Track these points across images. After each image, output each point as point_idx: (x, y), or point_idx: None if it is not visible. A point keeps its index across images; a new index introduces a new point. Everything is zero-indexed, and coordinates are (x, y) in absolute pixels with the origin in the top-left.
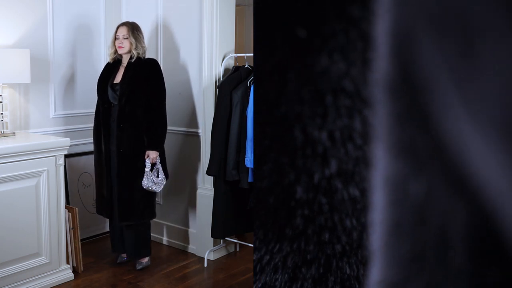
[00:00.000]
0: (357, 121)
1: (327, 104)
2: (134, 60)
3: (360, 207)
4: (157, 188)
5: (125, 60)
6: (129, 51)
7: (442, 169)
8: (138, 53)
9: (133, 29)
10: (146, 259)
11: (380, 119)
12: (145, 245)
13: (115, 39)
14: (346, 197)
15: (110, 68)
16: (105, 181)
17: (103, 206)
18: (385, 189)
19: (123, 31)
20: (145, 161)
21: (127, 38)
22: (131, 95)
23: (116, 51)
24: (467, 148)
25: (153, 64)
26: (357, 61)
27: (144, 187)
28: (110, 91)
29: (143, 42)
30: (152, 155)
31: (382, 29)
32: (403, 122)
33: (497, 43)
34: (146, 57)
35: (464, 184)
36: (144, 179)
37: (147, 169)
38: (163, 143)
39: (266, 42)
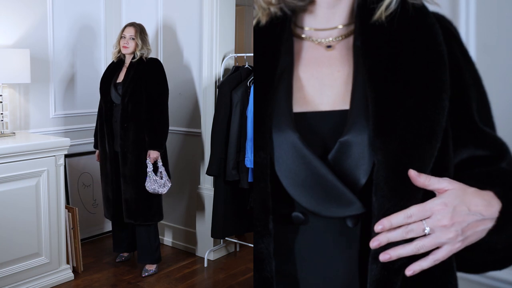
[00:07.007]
0: None
1: None
2: (137, 60)
3: None
4: (162, 190)
5: (127, 60)
6: (133, 52)
7: None
8: (142, 54)
9: (141, 30)
10: (153, 267)
11: None
12: (152, 250)
13: (121, 38)
14: None
15: (113, 68)
16: (110, 182)
17: (109, 207)
18: None
19: (130, 31)
20: (146, 161)
21: (133, 39)
22: (134, 95)
23: (120, 51)
24: None
25: (155, 63)
26: None
27: (150, 190)
28: (113, 91)
29: (149, 44)
30: (152, 155)
31: None
32: None
33: None
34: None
35: None
36: (147, 181)
37: (149, 169)
38: (164, 143)
39: None
